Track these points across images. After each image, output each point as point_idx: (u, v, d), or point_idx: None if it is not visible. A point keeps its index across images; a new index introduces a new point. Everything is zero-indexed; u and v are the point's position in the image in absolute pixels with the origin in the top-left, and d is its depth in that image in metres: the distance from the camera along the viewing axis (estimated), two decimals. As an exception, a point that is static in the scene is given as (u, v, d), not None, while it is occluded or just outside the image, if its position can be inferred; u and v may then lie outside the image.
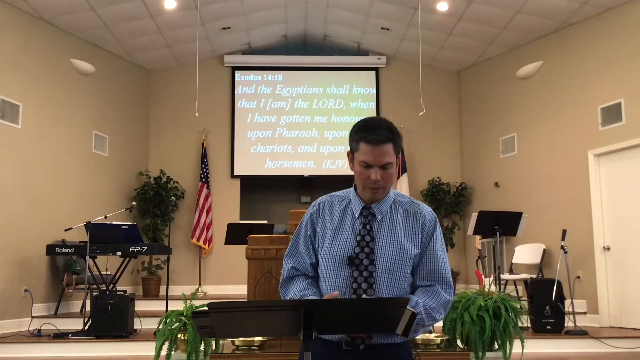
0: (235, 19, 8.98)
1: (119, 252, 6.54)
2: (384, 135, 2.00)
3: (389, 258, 2.01)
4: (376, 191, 2.03)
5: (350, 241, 2.04)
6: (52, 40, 7.93)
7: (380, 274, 2.01)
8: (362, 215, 2.06)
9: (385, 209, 2.07)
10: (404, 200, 2.12)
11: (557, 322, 6.36)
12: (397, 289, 2.03)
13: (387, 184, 2.04)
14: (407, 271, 2.04)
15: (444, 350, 4.30)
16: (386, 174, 2.01)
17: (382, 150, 1.99)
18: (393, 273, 2.02)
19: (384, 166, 2.00)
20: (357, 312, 1.82)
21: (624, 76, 7.26)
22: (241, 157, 10.00)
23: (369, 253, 2.01)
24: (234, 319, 1.80)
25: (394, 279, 2.02)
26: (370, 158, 1.99)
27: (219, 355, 4.13)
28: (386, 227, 2.05)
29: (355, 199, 2.10)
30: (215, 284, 9.38)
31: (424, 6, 8.22)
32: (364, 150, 2.00)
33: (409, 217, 2.08)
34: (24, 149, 7.34)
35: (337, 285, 2.02)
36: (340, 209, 2.10)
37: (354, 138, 2.05)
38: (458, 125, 10.24)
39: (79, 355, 5.96)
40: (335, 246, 2.04)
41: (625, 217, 7.20)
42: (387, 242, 2.03)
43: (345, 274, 2.02)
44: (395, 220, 2.06)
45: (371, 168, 2.00)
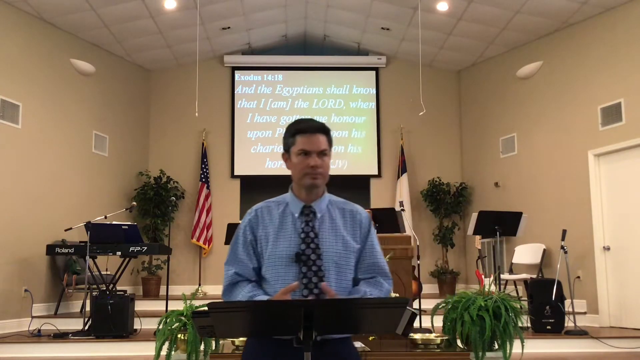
0: (235, 19, 8.99)
1: (119, 252, 6.54)
2: (317, 124, 2.16)
3: (335, 252, 2.11)
4: (316, 177, 2.12)
5: (294, 240, 2.11)
6: (52, 40, 7.93)
7: (329, 268, 2.09)
8: (303, 214, 2.15)
9: (324, 208, 2.18)
10: (338, 200, 2.23)
11: (557, 322, 6.36)
12: (344, 281, 2.13)
13: (325, 172, 2.14)
14: (351, 264, 2.15)
15: (444, 350, 4.30)
16: (323, 162, 2.13)
17: (318, 138, 2.12)
18: (340, 266, 2.11)
19: (321, 152, 2.12)
20: (357, 312, 1.83)
21: (624, 76, 7.26)
22: (241, 157, 10.00)
23: (315, 248, 2.09)
24: (234, 319, 1.81)
25: (341, 272, 2.12)
26: (308, 145, 2.11)
27: (219, 355, 4.13)
28: (327, 224, 2.15)
29: (293, 201, 2.18)
30: (215, 284, 9.38)
31: (424, 6, 8.22)
32: (300, 141, 2.12)
33: (345, 215, 2.19)
34: (24, 149, 7.34)
35: (286, 281, 2.07)
36: (278, 212, 2.17)
37: (289, 134, 2.17)
38: (458, 125, 10.24)
39: (79, 355, 5.97)
40: (280, 247, 2.11)
41: (625, 217, 7.20)
42: (332, 237, 2.12)
43: (294, 272, 2.08)
44: (335, 218, 2.17)
45: (310, 155, 2.11)
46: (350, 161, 10.05)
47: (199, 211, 9.54)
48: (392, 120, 10.11)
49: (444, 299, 4.72)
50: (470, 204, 9.72)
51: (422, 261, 8.84)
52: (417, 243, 6.99)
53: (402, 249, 4.98)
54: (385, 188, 10.01)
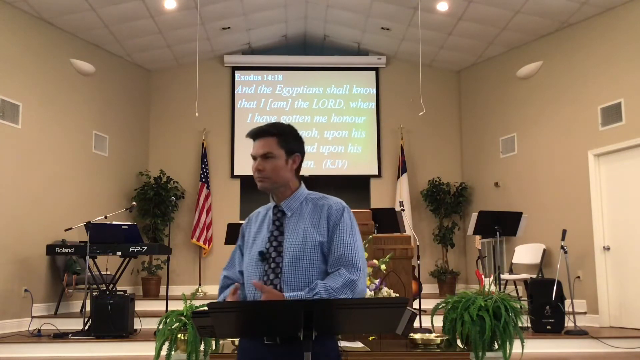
0: (235, 19, 8.99)
1: (119, 252, 6.54)
2: (261, 128, 2.22)
3: (294, 247, 2.12)
4: (261, 180, 2.18)
5: (265, 240, 2.18)
6: (52, 40, 7.93)
7: (287, 264, 2.11)
8: (274, 214, 2.22)
9: (295, 206, 2.20)
10: (316, 197, 2.23)
11: (557, 322, 6.36)
12: (304, 276, 2.09)
13: (272, 175, 2.16)
14: (313, 258, 2.10)
15: (444, 350, 4.30)
16: (268, 164, 2.16)
17: (260, 142, 2.19)
18: (298, 260, 2.10)
19: (265, 156, 2.16)
20: (357, 312, 1.83)
21: (624, 76, 7.26)
22: (241, 157, 9.99)
23: (277, 246, 2.14)
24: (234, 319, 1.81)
25: (300, 267, 2.10)
26: (253, 150, 2.21)
27: (219, 355, 4.13)
28: (294, 221, 2.17)
29: (272, 203, 2.26)
30: (215, 284, 9.28)
31: (424, 6, 8.22)
32: (253, 147, 2.22)
33: (316, 209, 2.19)
34: (24, 149, 7.34)
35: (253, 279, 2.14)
36: (262, 215, 2.27)
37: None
38: (458, 125, 10.24)
39: (79, 355, 5.97)
40: (254, 247, 2.20)
41: (625, 217, 7.20)
42: (293, 233, 2.15)
43: (259, 269, 2.14)
44: (304, 214, 2.18)
45: (255, 159, 2.19)
46: (350, 161, 10.05)
47: (199, 211, 9.54)
48: (392, 120, 10.11)
49: (444, 299, 4.72)
50: (470, 204, 9.72)
51: (422, 261, 8.84)
52: (417, 243, 6.99)
53: (402, 249, 4.98)
54: (385, 188, 10.01)
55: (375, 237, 4.91)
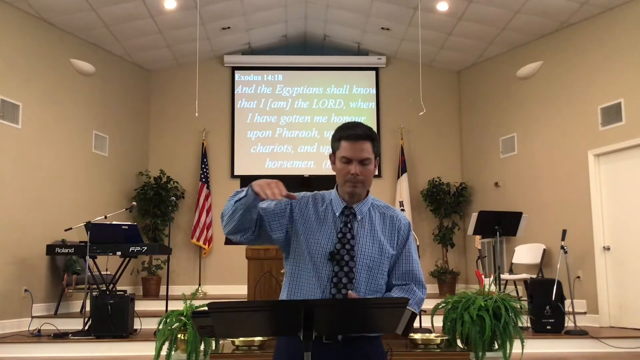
0: (235, 19, 8.98)
1: (119, 252, 6.54)
2: (362, 132, 2.14)
3: (369, 255, 2.12)
4: (355, 185, 2.13)
5: (332, 238, 2.12)
6: (52, 40, 7.93)
7: (360, 270, 2.10)
8: (343, 214, 2.16)
9: (365, 210, 2.19)
10: (381, 205, 2.25)
11: (557, 322, 6.36)
12: (375, 285, 2.14)
13: (366, 180, 2.15)
14: (384, 269, 2.15)
15: (444, 350, 4.31)
16: (365, 170, 2.13)
17: (361, 146, 2.12)
18: (372, 270, 2.12)
19: (363, 161, 2.12)
20: (357, 312, 1.83)
21: (624, 76, 7.26)
22: (241, 157, 9.99)
23: (349, 250, 2.10)
24: (234, 319, 1.80)
25: (373, 276, 2.12)
26: (350, 153, 2.11)
27: (219, 355, 4.14)
28: (366, 227, 2.16)
29: (336, 200, 2.19)
30: (215, 284, 9.38)
31: (424, 6, 8.22)
32: (344, 147, 2.13)
33: (385, 220, 2.20)
34: (24, 149, 7.34)
35: (320, 279, 2.10)
36: (322, 207, 2.19)
37: (335, 138, 2.18)
38: (458, 125, 10.24)
39: (79, 355, 5.96)
40: (317, 241, 2.13)
41: (625, 217, 7.20)
42: (368, 241, 2.14)
43: (327, 269, 2.10)
44: (374, 222, 2.18)
45: (351, 163, 2.12)
46: (350, 161, 10.04)
47: (199, 211, 9.54)
48: (392, 120, 10.11)
49: (444, 299, 4.73)
50: (470, 204, 9.72)
51: (422, 261, 8.79)
52: (417, 243, 6.98)
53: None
54: (385, 188, 10.00)
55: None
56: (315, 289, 2.10)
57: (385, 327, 1.95)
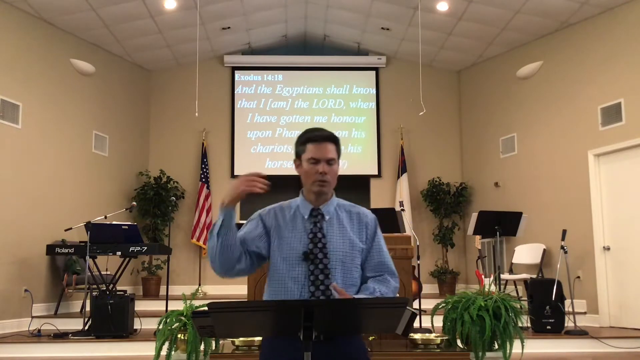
0: (235, 19, 8.99)
1: (119, 252, 6.54)
2: (327, 134, 2.29)
3: (341, 251, 2.24)
4: (323, 184, 2.25)
5: (303, 240, 2.24)
6: (52, 40, 7.93)
7: (335, 266, 2.21)
8: (311, 216, 2.28)
9: (332, 210, 2.31)
10: (346, 204, 2.37)
11: (557, 322, 6.36)
12: (350, 278, 2.25)
13: (332, 179, 2.27)
14: (357, 263, 2.28)
15: (444, 350, 4.31)
16: (331, 170, 2.26)
17: (326, 147, 2.26)
18: (345, 264, 2.24)
19: (329, 161, 2.25)
20: (357, 312, 1.83)
21: (624, 76, 7.26)
22: (241, 157, 10.00)
23: (322, 248, 2.22)
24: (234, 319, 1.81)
25: (347, 270, 2.24)
26: (317, 153, 2.25)
27: (219, 355, 4.13)
28: (335, 225, 2.28)
29: (303, 204, 2.32)
30: (215, 284, 9.37)
31: (424, 6, 8.22)
32: (310, 149, 2.26)
33: (352, 217, 2.33)
34: (24, 149, 7.34)
35: (297, 279, 2.20)
36: (289, 214, 2.31)
37: (300, 142, 2.30)
38: (458, 125, 10.24)
39: (79, 355, 5.96)
40: (290, 244, 2.24)
41: (625, 217, 7.20)
42: (338, 238, 2.26)
43: (302, 269, 2.21)
44: (342, 220, 2.30)
45: (318, 163, 2.24)
46: (350, 161, 10.05)
47: (199, 211, 9.54)
48: (392, 120, 10.11)
49: (444, 299, 4.73)
50: (470, 204, 9.72)
51: (422, 261, 8.84)
52: (417, 243, 6.99)
53: (402, 249, 4.98)
54: (385, 188, 10.01)
55: (375, 237, 4.90)
56: (293, 289, 2.20)
57: (385, 327, 1.96)
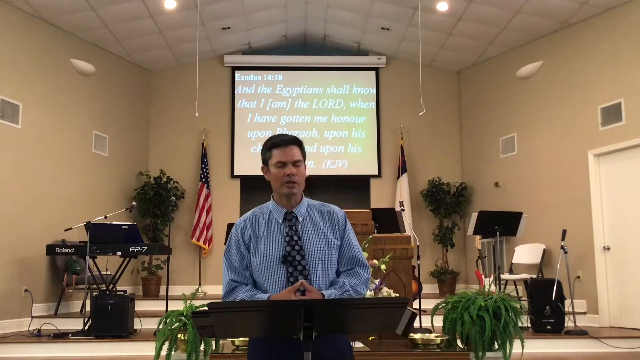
0: (235, 19, 8.99)
1: (119, 252, 6.54)
2: (290, 137, 2.37)
3: (319, 250, 2.29)
4: (292, 185, 2.31)
5: (280, 243, 2.29)
6: (52, 40, 7.93)
7: (315, 265, 2.27)
8: (285, 219, 2.33)
9: (304, 211, 2.36)
10: (316, 203, 2.43)
11: (557, 322, 6.36)
12: (331, 276, 2.32)
13: (301, 180, 2.33)
14: (335, 259, 2.34)
15: (444, 350, 4.31)
16: (299, 171, 2.33)
17: (291, 150, 2.33)
18: (325, 262, 2.30)
19: (295, 163, 2.32)
20: (357, 312, 1.83)
21: (624, 76, 7.26)
22: (241, 157, 10.00)
23: (299, 250, 2.27)
24: (234, 319, 1.81)
25: (326, 268, 2.30)
26: (283, 157, 2.32)
27: (219, 355, 4.13)
28: (309, 226, 2.33)
29: (275, 209, 2.37)
30: (215, 284, 9.37)
31: (424, 6, 8.22)
32: (276, 154, 2.34)
33: (324, 215, 2.38)
34: (24, 149, 7.34)
35: (277, 283, 2.25)
36: (264, 220, 2.36)
37: (266, 148, 2.39)
38: (458, 125, 10.24)
39: (79, 355, 5.97)
40: (267, 250, 2.29)
41: (625, 217, 7.20)
42: (314, 237, 2.31)
43: (281, 272, 2.25)
44: (315, 219, 2.36)
45: (285, 166, 2.31)
46: (350, 161, 10.05)
47: (199, 211, 9.54)
48: (392, 120, 10.11)
49: (444, 299, 4.73)
50: (470, 204, 9.72)
51: (422, 261, 8.84)
52: (417, 243, 6.98)
53: (402, 249, 4.98)
54: (385, 188, 10.01)
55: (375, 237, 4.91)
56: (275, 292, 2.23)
57: (385, 327, 1.96)
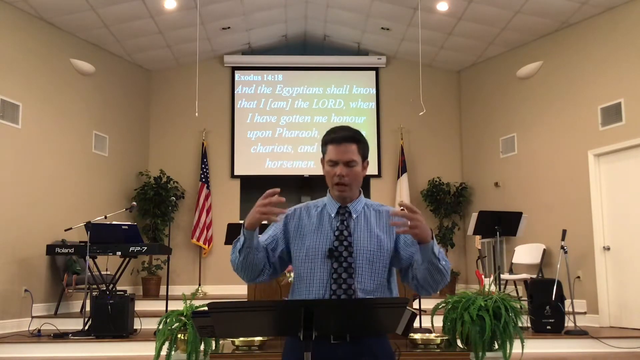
0: (235, 19, 8.98)
1: (119, 252, 6.54)
2: (346, 134, 2.20)
3: (368, 250, 2.14)
4: (342, 188, 2.17)
5: (330, 237, 2.16)
6: (52, 40, 7.93)
7: (361, 265, 2.13)
8: (338, 214, 2.20)
9: (360, 209, 2.22)
10: (374, 203, 2.29)
11: (557, 322, 6.36)
12: (379, 278, 2.15)
13: (352, 182, 2.18)
14: (386, 262, 2.17)
15: (444, 350, 4.31)
16: (351, 172, 2.17)
17: (345, 148, 2.17)
18: (373, 263, 2.14)
19: (348, 163, 2.16)
20: (357, 312, 1.83)
21: (624, 76, 7.26)
22: (241, 157, 10.00)
23: (347, 246, 2.13)
24: (234, 319, 1.80)
25: (375, 269, 2.14)
26: (335, 155, 2.18)
27: (219, 355, 4.14)
28: (362, 224, 2.19)
29: (330, 202, 2.24)
30: (215, 284, 9.37)
31: (424, 6, 8.22)
32: (329, 150, 2.20)
33: (381, 215, 2.23)
34: (24, 149, 7.33)
35: (320, 277, 2.12)
36: (316, 212, 2.24)
37: (323, 142, 2.26)
38: (458, 125, 10.24)
39: (79, 355, 5.96)
40: (315, 242, 2.16)
41: (625, 217, 7.20)
42: (365, 236, 2.16)
43: (326, 267, 2.12)
44: (370, 218, 2.21)
45: (336, 165, 2.17)
46: (350, 161, 10.04)
47: (199, 211, 9.54)
48: (392, 120, 10.11)
49: (444, 299, 4.73)
50: (470, 204, 9.72)
51: (422, 261, 8.82)
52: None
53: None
54: (385, 188, 10.01)
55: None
56: (316, 287, 2.13)
57: (385, 327, 1.95)
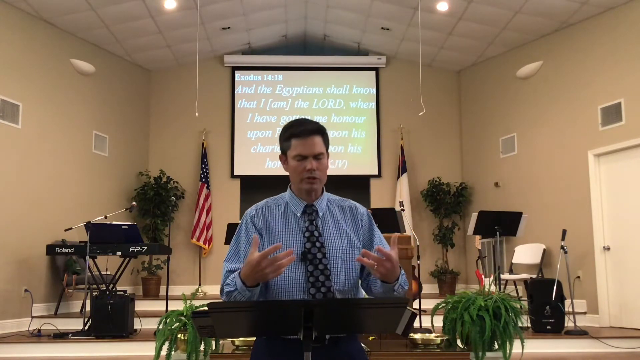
0: (235, 19, 8.98)
1: (119, 252, 6.54)
2: (311, 127, 2.11)
3: (340, 249, 2.10)
4: (313, 181, 2.10)
5: (300, 239, 2.09)
6: (52, 40, 7.93)
7: (336, 265, 2.08)
8: (305, 213, 2.13)
9: (324, 206, 2.17)
10: (336, 198, 2.23)
11: (557, 322, 6.36)
12: (353, 277, 2.12)
13: (322, 175, 2.12)
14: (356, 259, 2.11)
15: (444, 350, 4.31)
16: (320, 164, 2.11)
17: (313, 141, 2.09)
18: (346, 262, 2.10)
19: (317, 156, 2.09)
20: (357, 312, 1.83)
21: (624, 76, 7.26)
22: (241, 157, 10.00)
23: (320, 247, 2.08)
24: (234, 319, 1.80)
25: (348, 268, 2.10)
26: (304, 150, 2.08)
27: (219, 355, 4.14)
28: (329, 222, 2.14)
29: (293, 201, 2.16)
30: (215, 284, 9.37)
31: (424, 6, 8.22)
32: (295, 145, 2.09)
33: (345, 211, 2.19)
34: (24, 149, 7.34)
35: (297, 281, 2.05)
36: (279, 212, 2.15)
37: (284, 137, 2.14)
38: (458, 125, 10.24)
39: (79, 355, 5.97)
40: (285, 245, 2.06)
41: (625, 217, 7.20)
42: (335, 235, 2.12)
43: (300, 271, 2.06)
44: (336, 215, 2.16)
45: (306, 159, 2.09)
46: (350, 161, 10.05)
47: (199, 211, 9.54)
48: (392, 120, 10.11)
49: (444, 299, 4.73)
50: (470, 204, 9.72)
51: (422, 261, 8.84)
52: (417, 243, 6.99)
53: (402, 249, 4.98)
54: (385, 188, 10.01)
55: (375, 237, 4.90)
56: (295, 292, 2.06)
57: (385, 327, 1.95)
